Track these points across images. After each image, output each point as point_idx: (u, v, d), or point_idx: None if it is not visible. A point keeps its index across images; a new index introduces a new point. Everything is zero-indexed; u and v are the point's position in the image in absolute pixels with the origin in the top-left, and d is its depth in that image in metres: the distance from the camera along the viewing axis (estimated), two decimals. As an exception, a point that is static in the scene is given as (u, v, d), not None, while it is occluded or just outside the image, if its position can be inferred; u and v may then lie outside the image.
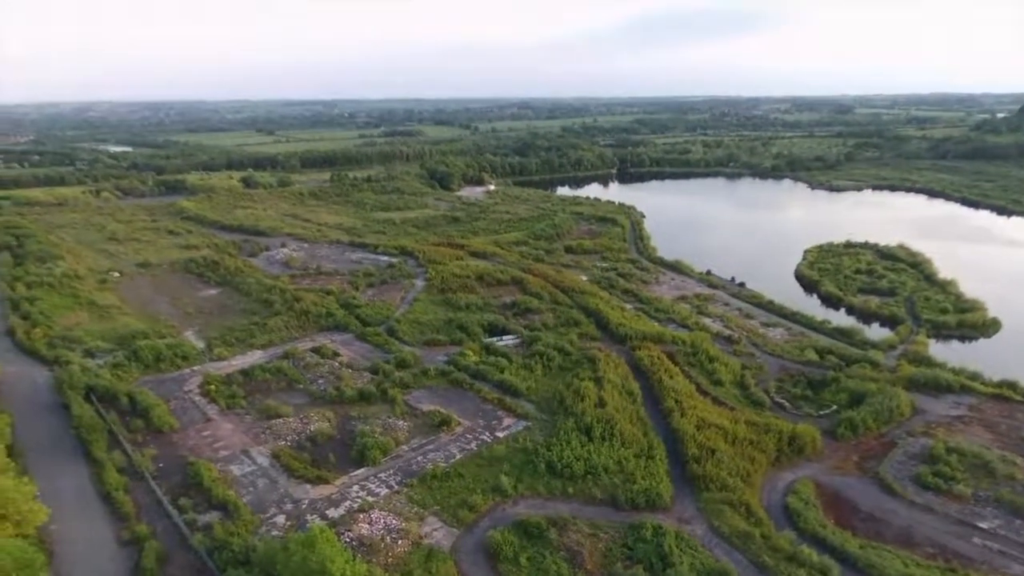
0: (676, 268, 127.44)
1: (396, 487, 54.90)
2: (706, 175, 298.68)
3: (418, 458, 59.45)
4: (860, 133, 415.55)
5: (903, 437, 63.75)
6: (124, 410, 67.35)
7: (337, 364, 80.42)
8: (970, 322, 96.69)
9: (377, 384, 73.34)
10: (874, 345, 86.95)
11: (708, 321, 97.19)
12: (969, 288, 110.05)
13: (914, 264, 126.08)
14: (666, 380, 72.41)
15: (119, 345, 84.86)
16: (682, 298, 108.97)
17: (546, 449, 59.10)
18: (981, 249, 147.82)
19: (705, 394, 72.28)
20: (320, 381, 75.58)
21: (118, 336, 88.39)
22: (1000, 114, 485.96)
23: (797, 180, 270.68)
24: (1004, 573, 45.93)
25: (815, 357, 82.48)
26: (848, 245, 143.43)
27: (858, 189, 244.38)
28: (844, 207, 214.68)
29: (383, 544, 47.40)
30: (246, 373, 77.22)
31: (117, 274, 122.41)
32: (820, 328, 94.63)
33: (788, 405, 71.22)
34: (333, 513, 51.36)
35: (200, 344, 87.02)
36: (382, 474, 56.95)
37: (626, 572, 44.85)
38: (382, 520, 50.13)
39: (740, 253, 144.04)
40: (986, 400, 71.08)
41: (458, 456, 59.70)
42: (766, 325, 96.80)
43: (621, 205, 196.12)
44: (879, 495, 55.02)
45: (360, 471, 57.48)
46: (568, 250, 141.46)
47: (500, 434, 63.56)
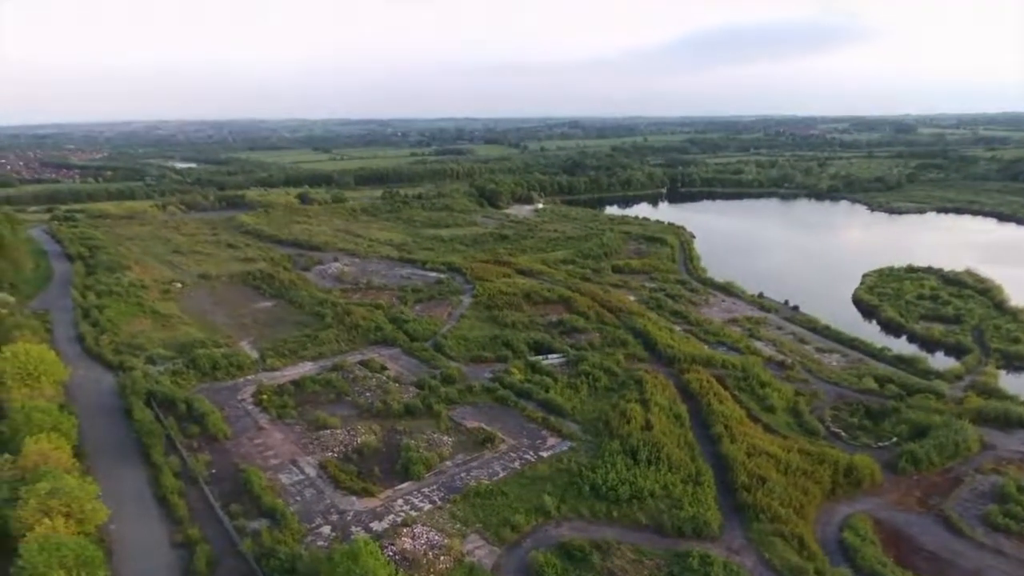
0: (727, 290, 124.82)
1: (439, 503, 55.05)
2: (759, 196, 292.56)
3: (461, 474, 59.52)
4: (923, 153, 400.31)
5: (970, 474, 60.29)
6: (181, 416, 69.81)
7: (384, 378, 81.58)
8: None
9: (423, 399, 74.01)
10: (938, 375, 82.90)
11: (760, 345, 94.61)
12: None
13: (982, 290, 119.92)
14: (715, 404, 70.67)
15: (179, 353, 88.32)
16: (733, 321, 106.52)
17: (590, 471, 58.32)
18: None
19: (756, 420, 70.18)
20: (367, 394, 76.75)
21: (178, 344, 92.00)
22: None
23: (855, 202, 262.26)
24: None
25: (874, 386, 79.14)
26: (910, 269, 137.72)
27: (920, 211, 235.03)
28: (905, 230, 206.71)
29: (425, 560, 47.49)
30: (297, 384, 79.12)
31: (179, 285, 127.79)
32: (879, 355, 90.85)
33: (844, 435, 68.42)
34: (377, 526, 51.82)
35: (254, 354, 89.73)
36: (426, 489, 57.22)
37: (671, 601, 43.63)
38: (425, 535, 50.29)
39: (794, 276, 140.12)
40: (1063, 437, 66.65)
41: (501, 474, 59.50)
42: (821, 351, 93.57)
43: (670, 225, 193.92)
44: (944, 534, 52.06)
45: (404, 485, 57.90)
46: (616, 270, 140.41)
47: (544, 454, 63.09)
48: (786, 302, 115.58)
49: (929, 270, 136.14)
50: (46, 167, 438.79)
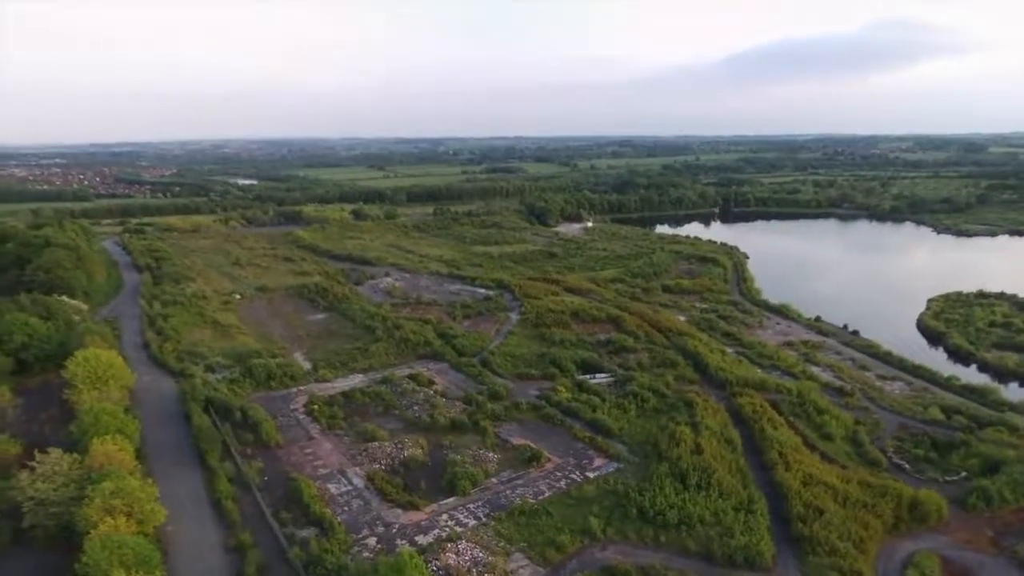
0: (782, 312, 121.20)
1: (484, 519, 54.84)
2: (816, 216, 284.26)
3: (507, 492, 59.21)
4: (994, 174, 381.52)
5: (1049, 514, 56.30)
6: (237, 423, 71.94)
7: (432, 392, 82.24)
8: None
9: (469, 415, 74.20)
10: (1012, 407, 78.15)
11: (817, 370, 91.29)
12: None
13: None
14: (769, 430, 68.36)
15: (236, 362, 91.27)
16: (788, 344, 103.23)
17: (638, 494, 57.14)
18: None
19: (812, 448, 67.50)
20: (415, 408, 77.47)
21: (236, 354, 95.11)
22: None
23: (920, 223, 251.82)
24: None
25: (941, 416, 75.13)
26: (981, 295, 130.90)
27: (992, 234, 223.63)
28: (975, 254, 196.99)
29: (469, 576, 47.24)
30: (347, 395, 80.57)
31: (238, 296, 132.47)
32: (947, 385, 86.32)
33: (908, 467, 65.04)
34: (422, 540, 51.95)
35: (307, 365, 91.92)
36: (471, 505, 57.13)
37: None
38: (469, 552, 50.11)
39: (853, 299, 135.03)
40: None
41: (547, 493, 58.91)
42: (883, 378, 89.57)
43: (723, 245, 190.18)
44: (1019, 578, 48.69)
45: (449, 500, 57.96)
46: (666, 289, 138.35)
47: (591, 474, 62.21)
48: (845, 326, 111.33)
49: (1001, 296, 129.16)
50: (120, 183, 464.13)
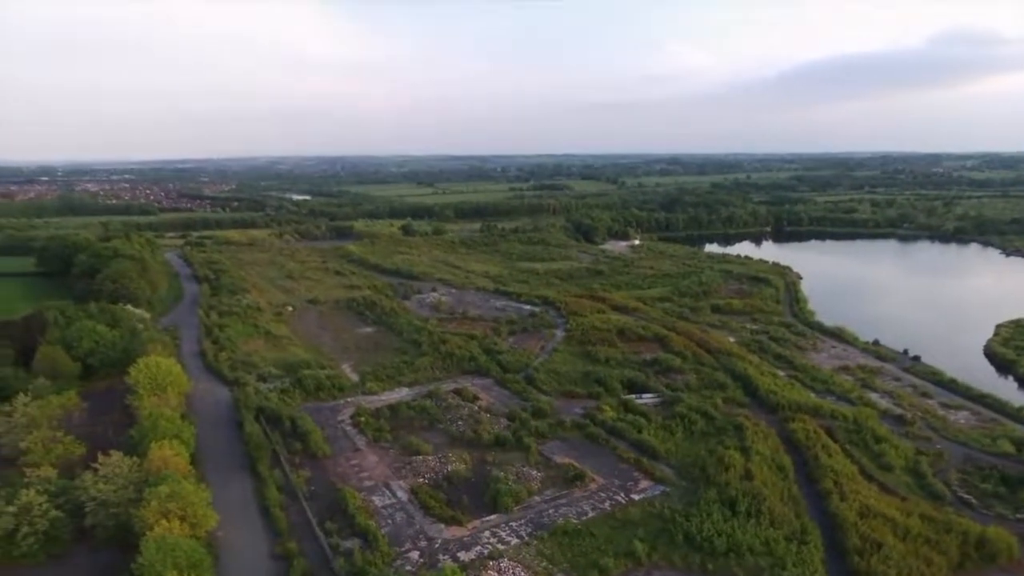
0: (837, 335, 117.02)
1: (526, 538, 54.33)
2: (875, 237, 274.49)
3: (550, 511, 58.59)
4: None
5: None
6: (286, 432, 73.57)
7: (476, 407, 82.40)
8: None
9: (513, 431, 73.95)
10: (1091, 442, 73.02)
11: (875, 396, 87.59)
12: None
13: None
14: (823, 458, 65.78)
15: (287, 372, 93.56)
16: (843, 369, 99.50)
17: (685, 518, 55.68)
18: None
19: (870, 478, 64.58)
20: (459, 423, 77.71)
21: (287, 364, 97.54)
22: None
23: (986, 245, 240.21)
24: None
25: (1011, 449, 70.88)
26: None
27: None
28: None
29: (510, 595, 46.78)
30: (393, 408, 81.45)
31: (291, 308, 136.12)
32: (1018, 416, 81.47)
33: (976, 502, 61.46)
34: (464, 556, 51.80)
35: (355, 377, 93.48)
36: (513, 523, 56.72)
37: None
38: (511, 571, 49.68)
39: (914, 324, 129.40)
40: None
41: (590, 514, 58.02)
42: (947, 407, 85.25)
43: (775, 265, 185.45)
44: (1101, 627, 45.21)
45: (492, 517, 57.69)
46: (715, 309, 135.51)
47: (636, 496, 61.01)
48: (905, 351, 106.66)
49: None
50: (183, 197, 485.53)
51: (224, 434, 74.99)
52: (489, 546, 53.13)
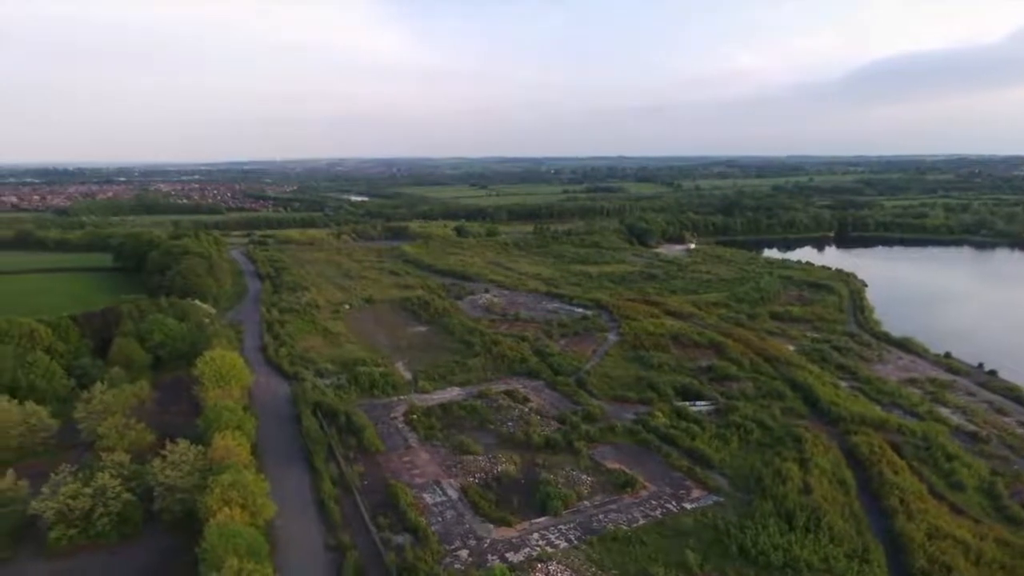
0: (905, 346, 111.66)
1: (575, 542, 54.00)
2: (948, 243, 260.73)
3: (599, 516, 58.08)
4: None
5: None
6: (341, 427, 75.40)
7: (527, 409, 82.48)
8: None
9: (564, 434, 73.66)
10: None
11: (946, 412, 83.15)
12: None
13: None
14: (888, 474, 62.92)
15: (343, 369, 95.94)
16: (911, 381, 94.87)
17: (739, 530, 54.24)
18: None
19: (940, 498, 61.34)
20: (510, 424, 77.96)
21: (343, 361, 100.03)
22: None
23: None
24: None
25: (1099, 473, 66.04)
26: None
27: None
28: None
29: (558, 599, 46.59)
30: (445, 408, 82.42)
31: (347, 306, 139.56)
32: (1107, 437, 75.84)
33: (1058, 528, 57.51)
34: (513, 557, 51.89)
35: (408, 376, 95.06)
36: (562, 526, 56.48)
37: None
38: (559, 574, 49.48)
39: (991, 336, 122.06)
40: None
41: (641, 521, 57.21)
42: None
43: (839, 271, 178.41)
44: None
45: (541, 519, 57.61)
46: (774, 316, 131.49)
47: (688, 505, 59.81)
48: (980, 365, 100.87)
49: None
50: (247, 198, 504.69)
51: (283, 427, 77.47)
52: (538, 548, 53.06)
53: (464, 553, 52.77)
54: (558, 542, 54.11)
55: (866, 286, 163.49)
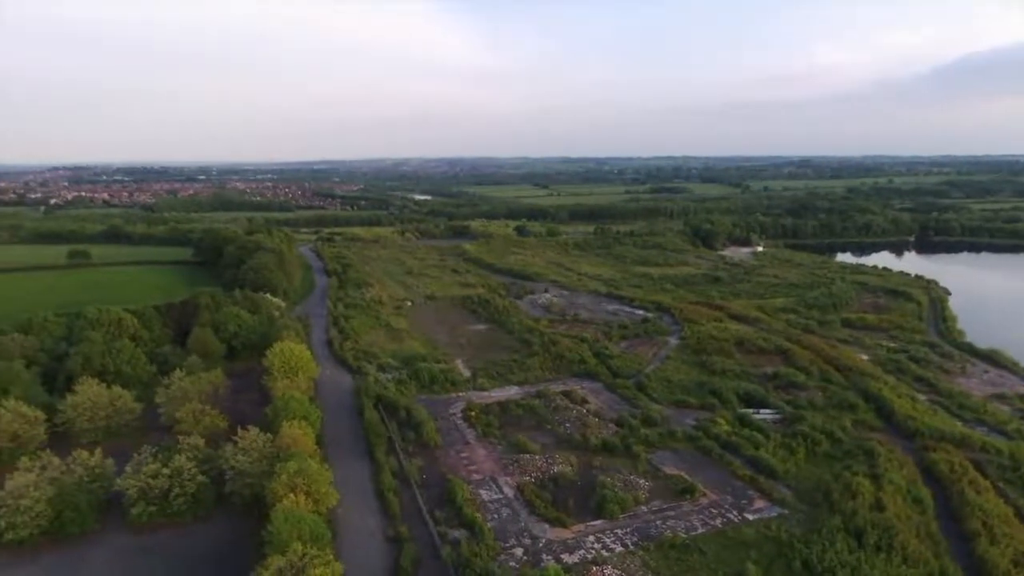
0: (992, 359, 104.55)
1: (632, 547, 53.28)
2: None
3: (657, 522, 57.09)
4: None
5: None
6: (402, 421, 77.01)
7: (585, 411, 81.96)
8: None
9: (622, 437, 72.80)
10: None
11: (1037, 431, 77.35)
12: None
13: None
14: (971, 495, 59.13)
15: (404, 364, 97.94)
16: (998, 397, 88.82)
17: (804, 545, 52.16)
18: None
19: (1029, 523, 57.17)
20: (567, 424, 77.65)
21: (404, 356, 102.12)
22: None
23: None
24: None
25: None
26: None
27: None
28: None
29: (613, 604, 46.08)
30: (502, 406, 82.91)
31: (409, 303, 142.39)
32: None
33: None
34: (568, 559, 51.67)
35: (467, 373, 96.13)
36: (619, 530, 55.83)
37: None
38: (614, 578, 48.92)
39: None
40: None
41: (700, 529, 55.88)
42: None
43: (918, 278, 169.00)
44: None
45: (597, 522, 57.13)
46: (846, 323, 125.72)
47: (750, 516, 58.01)
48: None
49: None
50: (316, 196, 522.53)
51: (345, 419, 79.77)
52: (593, 551, 52.65)
53: (519, 552, 52.93)
54: (614, 546, 53.53)
55: (949, 294, 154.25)
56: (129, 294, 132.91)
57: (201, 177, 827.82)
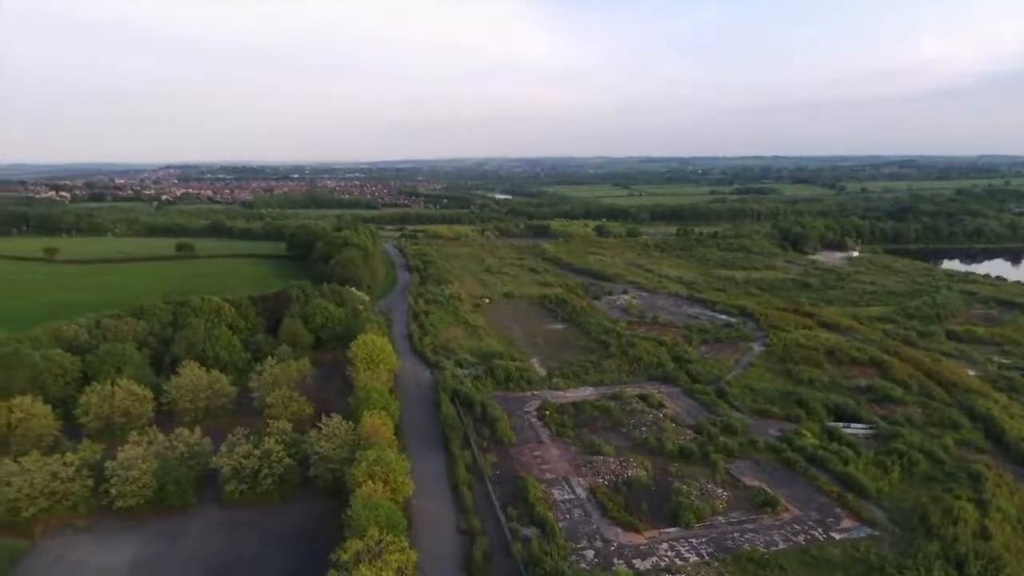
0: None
1: (707, 558, 51.68)
2: None
3: (734, 534, 55.10)
4: None
5: None
6: (477, 417, 78.08)
7: (661, 415, 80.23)
8: None
9: (699, 444, 70.75)
10: None
11: None
12: None
13: None
14: (1095, 529, 53.53)
15: (481, 360, 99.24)
16: None
17: (896, 570, 48.91)
18: None
19: None
20: (643, 428, 76.28)
21: (481, 353, 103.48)
22: None
23: None
24: None
25: None
26: None
27: None
28: None
29: (686, 614, 44.89)
30: (577, 406, 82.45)
31: (487, 300, 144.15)
32: None
33: None
34: (640, 564, 50.75)
35: (543, 372, 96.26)
36: (694, 539, 54.30)
37: None
38: (688, 588, 47.64)
39: None
40: None
41: (781, 545, 53.45)
42: None
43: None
44: None
45: (672, 530, 55.82)
46: (951, 336, 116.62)
47: (836, 535, 54.93)
48: None
49: None
50: (401, 194, 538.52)
51: (423, 412, 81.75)
52: (666, 559, 51.48)
53: (590, 553, 52.50)
54: (688, 555, 52.13)
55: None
56: (228, 285, 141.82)
57: (295, 176, 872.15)
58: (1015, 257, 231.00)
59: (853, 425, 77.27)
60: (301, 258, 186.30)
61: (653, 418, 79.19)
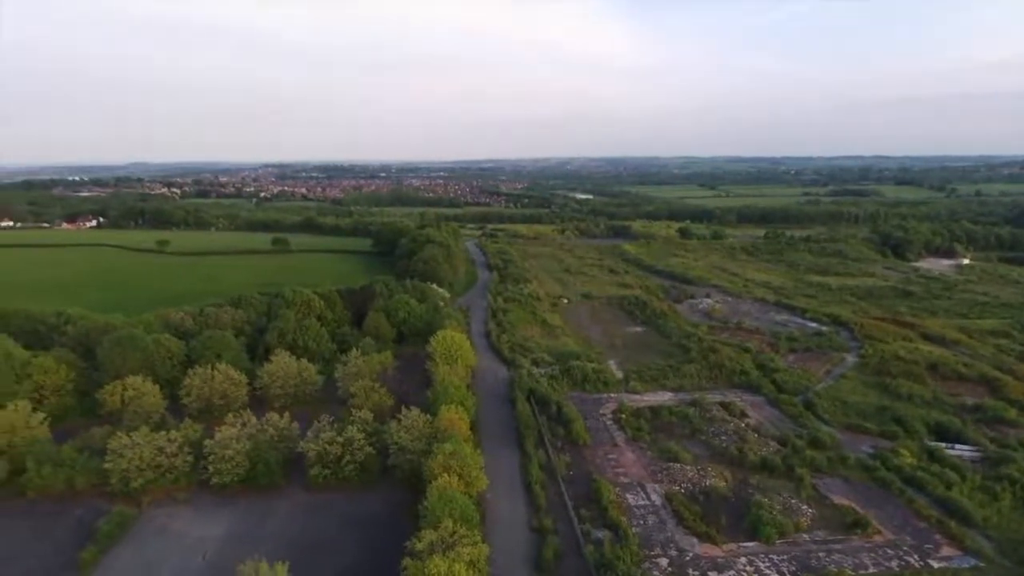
0: None
1: (788, 576, 49.40)
2: None
3: (820, 554, 52.33)
4: None
5: None
6: (552, 416, 78.03)
7: (743, 424, 77.33)
8: None
9: (783, 457, 67.65)
10: None
11: None
12: None
13: None
14: None
15: (557, 360, 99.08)
16: None
17: (1004, 606, 44.95)
18: None
19: None
20: (723, 437, 73.80)
21: (558, 353, 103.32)
22: None
23: None
24: None
25: None
26: None
27: None
28: None
29: (764, 633, 43.09)
30: (654, 411, 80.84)
31: (566, 300, 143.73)
32: None
33: None
34: (715, 577, 49.22)
35: (619, 374, 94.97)
36: (775, 556, 52.02)
37: None
38: (767, 606, 45.72)
39: None
40: None
41: (871, 569, 50.28)
42: None
43: None
44: None
45: (751, 544, 53.70)
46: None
47: (935, 563, 51.09)
48: None
49: None
50: (482, 193, 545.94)
51: (499, 409, 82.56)
52: (744, 574, 49.62)
53: (663, 562, 51.36)
54: (768, 572, 49.99)
55: None
56: (317, 278, 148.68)
57: (382, 175, 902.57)
58: None
59: (958, 446, 71.59)
60: (386, 254, 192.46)
61: (734, 427, 76.46)
